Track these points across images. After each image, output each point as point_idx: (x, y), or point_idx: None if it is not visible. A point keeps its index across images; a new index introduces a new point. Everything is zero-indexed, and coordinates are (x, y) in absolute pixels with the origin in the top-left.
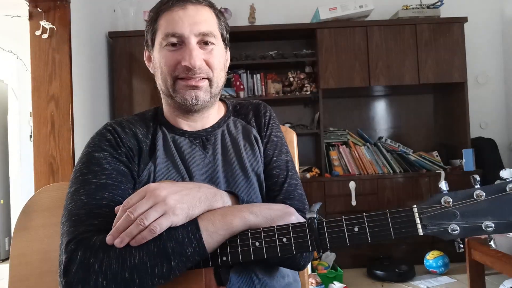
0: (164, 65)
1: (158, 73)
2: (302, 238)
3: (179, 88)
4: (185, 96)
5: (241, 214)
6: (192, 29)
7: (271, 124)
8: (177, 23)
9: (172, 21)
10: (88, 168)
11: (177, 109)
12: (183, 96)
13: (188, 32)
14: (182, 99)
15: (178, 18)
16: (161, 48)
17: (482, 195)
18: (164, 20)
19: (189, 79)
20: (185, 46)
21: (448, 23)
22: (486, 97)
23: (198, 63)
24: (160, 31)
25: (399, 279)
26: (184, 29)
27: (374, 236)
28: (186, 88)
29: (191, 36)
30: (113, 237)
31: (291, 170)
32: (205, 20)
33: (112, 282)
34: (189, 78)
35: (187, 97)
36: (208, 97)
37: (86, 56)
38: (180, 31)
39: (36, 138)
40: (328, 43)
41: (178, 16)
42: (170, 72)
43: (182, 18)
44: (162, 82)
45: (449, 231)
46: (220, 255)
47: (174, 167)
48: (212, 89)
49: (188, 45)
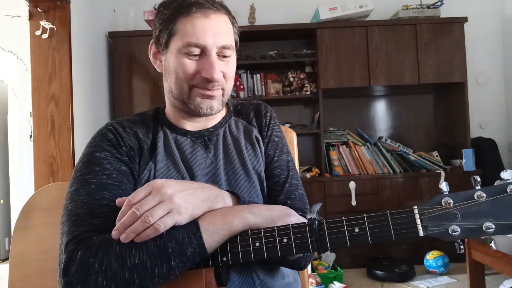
0: (182, 72)
1: (171, 76)
2: (303, 238)
3: (194, 95)
4: (200, 105)
5: (241, 214)
6: (215, 41)
7: (272, 124)
8: (200, 33)
9: (195, 29)
10: (89, 168)
11: (184, 111)
12: (199, 105)
13: (211, 44)
14: (197, 107)
15: (201, 28)
16: (179, 54)
17: (482, 196)
18: (184, 26)
19: (206, 89)
20: (205, 57)
21: (448, 23)
22: (486, 97)
23: (219, 77)
24: (180, 37)
25: (399, 279)
26: (207, 40)
27: (375, 237)
28: (202, 97)
29: (213, 48)
30: (118, 232)
31: (292, 170)
32: (225, 32)
33: (112, 282)
34: (207, 88)
35: (203, 106)
36: (220, 106)
37: (86, 56)
38: (203, 42)
39: (36, 138)
40: (328, 43)
41: (201, 25)
42: (187, 80)
43: (205, 28)
44: (175, 86)
45: (449, 232)
46: (220, 255)
47: (175, 167)
48: (224, 98)
49: (209, 57)
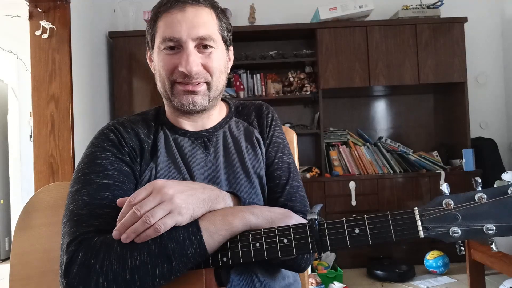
0: (162, 69)
1: (157, 75)
2: (303, 239)
3: (176, 92)
4: (182, 101)
5: (241, 215)
6: (190, 33)
7: (273, 126)
8: (175, 27)
9: (170, 24)
10: (90, 168)
11: (176, 110)
12: (181, 101)
13: (185, 37)
14: (180, 104)
15: (176, 21)
16: (159, 51)
17: (483, 197)
18: (162, 22)
19: (186, 84)
20: (182, 51)
21: (448, 23)
22: (486, 97)
23: (194, 69)
24: (159, 34)
25: (399, 279)
26: (182, 33)
27: (375, 238)
28: (183, 93)
29: (188, 40)
30: (119, 233)
31: (293, 171)
32: (204, 23)
33: (113, 282)
34: (187, 83)
35: (184, 102)
36: (206, 101)
37: (86, 56)
38: (177, 35)
39: (36, 138)
40: (328, 43)
41: (177, 19)
42: (168, 76)
43: (180, 22)
44: (161, 84)
45: (450, 234)
46: (220, 256)
47: (175, 167)
48: (211, 93)
49: (185, 50)
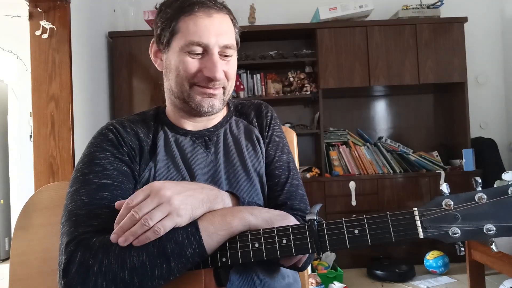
0: (184, 71)
1: (171, 75)
2: (302, 239)
3: (195, 94)
4: (201, 104)
5: (240, 215)
6: (217, 40)
7: (273, 125)
8: (203, 32)
9: (197, 28)
10: (89, 168)
11: (184, 110)
12: (200, 103)
13: (213, 43)
14: (198, 105)
15: (203, 27)
16: (181, 52)
17: (483, 198)
18: (187, 24)
19: (207, 88)
20: (207, 56)
21: (448, 23)
22: (486, 97)
23: (220, 76)
24: (182, 35)
25: (399, 279)
26: (210, 39)
27: (374, 238)
28: (203, 96)
29: (215, 47)
30: (117, 236)
31: (292, 170)
32: (227, 31)
33: (112, 283)
34: (208, 87)
35: (204, 105)
36: (221, 105)
37: (86, 56)
38: (206, 41)
39: (36, 138)
40: (328, 43)
41: (204, 24)
42: (189, 78)
43: (208, 27)
44: (176, 85)
45: (450, 234)
46: (219, 256)
47: (175, 167)
48: (225, 97)
49: (211, 56)
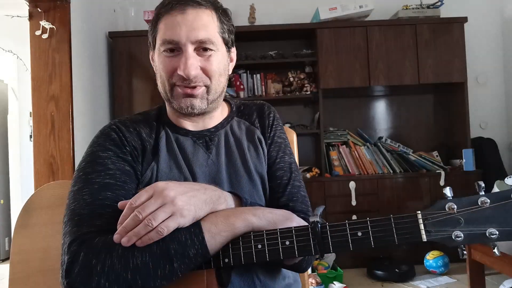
0: (162, 71)
1: (157, 76)
2: (305, 241)
3: (175, 94)
4: (180, 104)
5: (243, 216)
6: (189, 36)
7: (275, 125)
8: (175, 29)
9: (170, 26)
10: (91, 168)
11: (177, 111)
12: (179, 104)
13: (184, 40)
14: (178, 106)
15: (176, 24)
16: (159, 53)
17: (486, 202)
18: (163, 24)
19: (185, 87)
20: (181, 54)
21: (448, 23)
22: (486, 97)
23: (192, 73)
24: (159, 36)
25: (399, 279)
26: (181, 36)
27: (378, 241)
28: (182, 96)
29: (187, 43)
30: (120, 236)
31: (294, 171)
32: (204, 25)
33: (115, 283)
34: (185, 86)
35: (183, 105)
36: (205, 105)
37: (86, 56)
38: (176, 38)
39: (36, 138)
40: (328, 43)
41: (177, 22)
42: (168, 78)
43: (180, 24)
44: (161, 86)
45: (453, 238)
46: (222, 257)
47: (177, 167)
48: (210, 96)
49: (184, 53)
